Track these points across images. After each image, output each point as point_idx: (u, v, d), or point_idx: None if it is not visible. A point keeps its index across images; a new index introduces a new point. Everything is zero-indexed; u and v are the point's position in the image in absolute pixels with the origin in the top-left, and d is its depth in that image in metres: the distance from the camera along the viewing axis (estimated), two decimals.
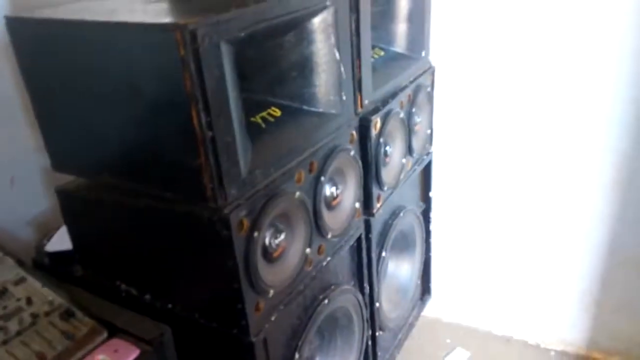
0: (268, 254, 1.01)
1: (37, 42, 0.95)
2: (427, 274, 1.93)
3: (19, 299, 1.08)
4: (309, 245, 1.12)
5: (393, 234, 1.54)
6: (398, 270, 1.75)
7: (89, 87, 0.91)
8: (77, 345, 1.04)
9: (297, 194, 1.05)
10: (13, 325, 1.03)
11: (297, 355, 1.16)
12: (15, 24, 0.95)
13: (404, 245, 1.73)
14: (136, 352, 1.02)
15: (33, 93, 1.01)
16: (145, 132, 0.89)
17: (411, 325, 1.88)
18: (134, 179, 0.96)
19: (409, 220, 1.66)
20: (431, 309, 2.04)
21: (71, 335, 1.04)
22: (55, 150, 1.05)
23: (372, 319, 1.51)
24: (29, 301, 1.08)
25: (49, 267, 1.25)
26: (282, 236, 1.04)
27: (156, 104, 0.84)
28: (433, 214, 1.86)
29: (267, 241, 1.01)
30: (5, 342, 1.00)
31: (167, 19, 0.78)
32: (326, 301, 1.24)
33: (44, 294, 1.10)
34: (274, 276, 1.03)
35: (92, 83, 0.90)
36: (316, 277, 1.19)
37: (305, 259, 1.12)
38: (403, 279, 1.76)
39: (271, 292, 1.02)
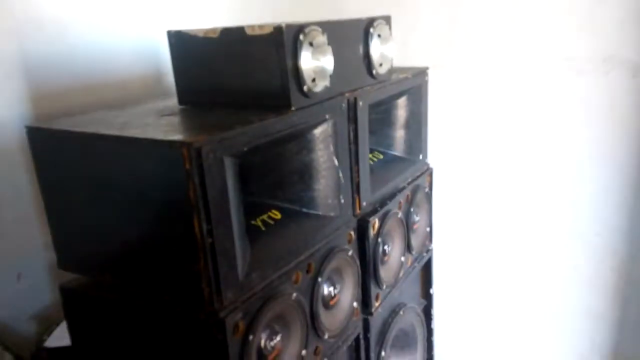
0: (263, 357, 1.02)
1: (53, 149, 1.02)
2: None
3: None
4: (305, 347, 1.13)
5: (393, 333, 1.53)
6: None
7: (98, 193, 0.97)
8: None
9: (294, 295, 1.07)
10: None
11: None
12: (34, 133, 1.03)
13: (404, 343, 1.71)
14: None
15: (46, 195, 1.07)
16: (148, 238, 0.93)
17: None
18: (134, 280, 1.00)
19: (409, 318, 1.65)
20: None
21: None
22: (63, 249, 1.09)
23: None
24: None
25: None
26: (278, 338, 1.05)
27: (161, 212, 0.90)
28: (435, 311, 1.85)
29: (262, 343, 1.02)
30: None
31: (175, 136, 0.85)
32: None
33: None
34: None
35: (101, 189, 0.96)
36: None
37: None
38: None
39: None
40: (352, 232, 1.28)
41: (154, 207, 0.90)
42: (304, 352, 1.12)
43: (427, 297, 1.82)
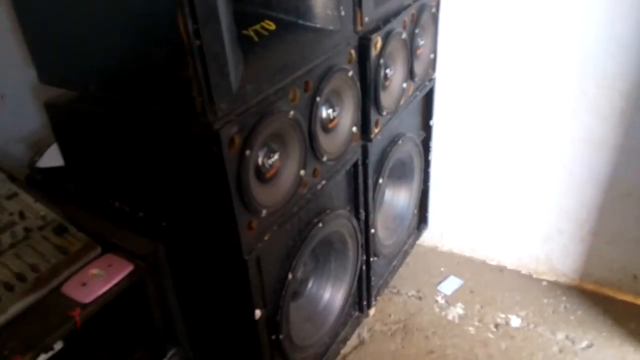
0: (261, 174, 1.00)
1: None
2: (424, 203, 1.93)
3: (11, 213, 1.08)
4: (304, 168, 1.11)
5: (391, 162, 1.52)
6: (395, 198, 1.75)
7: None
8: (71, 259, 1.04)
9: (292, 113, 1.02)
10: (6, 239, 1.03)
11: (290, 276, 1.17)
12: None
13: (402, 173, 1.71)
14: (130, 268, 1.03)
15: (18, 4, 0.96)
16: (131, 41, 0.85)
17: (406, 253, 1.90)
18: (122, 91, 0.93)
19: (407, 149, 1.63)
20: (427, 238, 2.06)
21: (65, 250, 1.05)
22: (42, 61, 1.01)
23: (367, 245, 1.52)
24: (21, 215, 1.08)
25: (42, 184, 1.24)
26: (276, 156, 1.02)
27: (143, 10, 0.80)
28: (433, 143, 1.83)
29: (260, 160, 0.99)
30: None
31: None
32: (320, 225, 1.24)
33: (36, 209, 1.10)
34: (267, 196, 1.02)
35: None
36: (311, 200, 1.18)
37: (299, 181, 1.10)
38: (400, 207, 1.76)
39: (264, 212, 1.01)
40: (353, 51, 1.19)
41: (136, 5, 0.80)
42: (302, 172, 1.11)
43: (427, 128, 1.79)
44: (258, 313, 1.09)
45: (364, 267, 1.54)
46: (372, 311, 1.72)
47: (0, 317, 0.92)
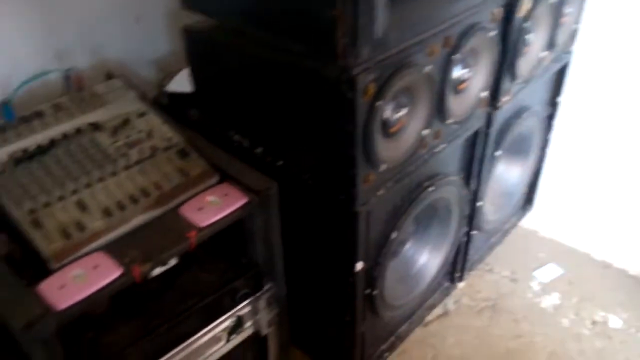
0: (386, 128, 0.97)
1: None
2: (534, 183, 1.82)
3: (140, 131, 1.14)
4: (428, 127, 1.06)
5: (512, 134, 1.43)
6: (507, 174, 1.66)
7: None
8: (191, 183, 1.08)
9: (428, 68, 0.97)
10: (134, 154, 1.09)
11: (394, 234, 1.15)
12: None
13: (519, 148, 1.62)
14: (244, 200, 1.06)
15: None
16: None
17: (506, 232, 1.82)
18: (266, 27, 0.92)
19: (530, 123, 1.53)
20: (530, 220, 1.95)
21: (186, 173, 1.09)
22: None
23: (471, 217, 1.47)
24: (149, 134, 1.13)
25: (168, 107, 1.29)
26: (403, 112, 0.99)
27: None
28: (556, 122, 1.71)
29: (388, 114, 0.96)
30: (126, 168, 1.06)
31: None
32: (431, 188, 1.20)
33: (163, 131, 1.15)
34: (388, 151, 0.99)
35: None
36: (427, 162, 1.14)
37: (421, 141, 1.07)
38: (510, 184, 1.67)
39: (383, 167, 0.99)
40: (498, 10, 1.11)
41: None
42: (425, 132, 1.06)
43: (553, 105, 1.66)
44: (359, 265, 1.08)
45: (464, 239, 1.50)
46: (462, 284, 1.68)
47: (124, 225, 0.99)
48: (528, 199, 1.86)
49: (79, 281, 0.88)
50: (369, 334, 1.27)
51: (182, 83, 1.28)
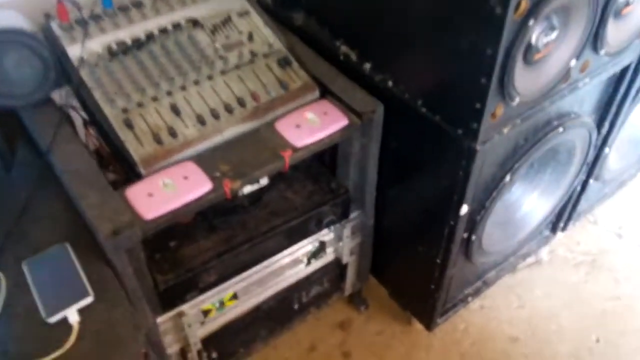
0: (530, 54, 0.80)
1: None
2: None
3: (240, 32, 1.03)
4: (577, 57, 0.88)
5: None
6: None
7: None
8: (290, 96, 0.98)
9: None
10: (233, 58, 0.99)
11: (508, 178, 1.01)
12: None
13: None
14: (344, 122, 0.95)
15: None
16: None
17: (623, 183, 1.61)
18: None
19: None
20: None
21: (285, 85, 0.98)
22: None
23: (594, 165, 1.28)
24: (250, 37, 1.02)
25: (271, 8, 1.16)
26: (554, 35, 0.81)
27: None
28: None
29: (534, 37, 0.79)
30: (223, 72, 0.97)
31: None
32: (561, 129, 1.03)
33: (265, 34, 1.03)
34: (526, 82, 0.83)
35: None
36: (564, 98, 0.97)
37: (566, 73, 0.89)
38: None
39: (517, 100, 0.83)
40: None
41: None
42: (573, 62, 0.88)
43: None
44: (465, 208, 0.97)
45: (578, 187, 1.33)
46: (561, 234, 1.53)
47: (217, 136, 0.91)
48: None
49: (168, 191, 0.83)
50: (456, 277, 1.18)
51: None
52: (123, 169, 0.90)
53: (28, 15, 0.96)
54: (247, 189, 0.89)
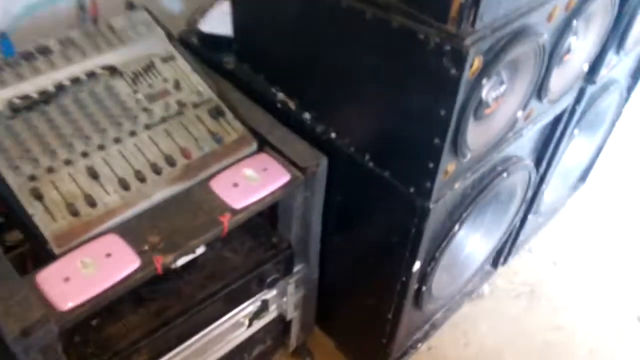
0: (480, 110, 0.77)
1: None
2: (593, 161, 1.63)
3: (165, 80, 0.92)
4: (523, 108, 0.86)
5: (594, 111, 1.22)
6: (571, 152, 1.46)
7: None
8: (225, 150, 0.89)
9: (544, 37, 0.75)
10: (158, 109, 0.89)
11: (456, 228, 0.98)
12: None
13: (593, 124, 1.41)
14: (286, 177, 0.87)
15: None
16: None
17: (554, 212, 1.65)
18: None
19: (613, 97, 1.32)
20: (579, 199, 1.77)
21: (219, 138, 0.89)
22: None
23: (532, 201, 1.29)
24: (176, 85, 0.92)
25: (198, 50, 1.07)
26: (502, 89, 0.78)
27: None
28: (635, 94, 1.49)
29: (485, 93, 0.75)
30: (148, 127, 0.86)
31: None
32: (505, 174, 1.01)
33: (193, 81, 0.94)
34: (476, 137, 0.79)
35: None
36: (509, 145, 0.95)
37: (513, 123, 0.87)
38: (575, 161, 1.48)
39: (468, 156, 0.79)
40: None
41: None
42: (520, 112, 0.86)
43: (635, 76, 1.43)
44: (417, 265, 0.92)
45: (517, 224, 1.33)
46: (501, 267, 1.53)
47: (144, 201, 0.80)
48: (582, 177, 1.68)
49: (88, 272, 0.71)
50: (405, 325, 1.13)
51: (217, 21, 1.05)
52: (32, 248, 0.77)
53: None
54: (182, 260, 0.79)
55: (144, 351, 0.87)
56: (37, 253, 0.75)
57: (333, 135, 0.91)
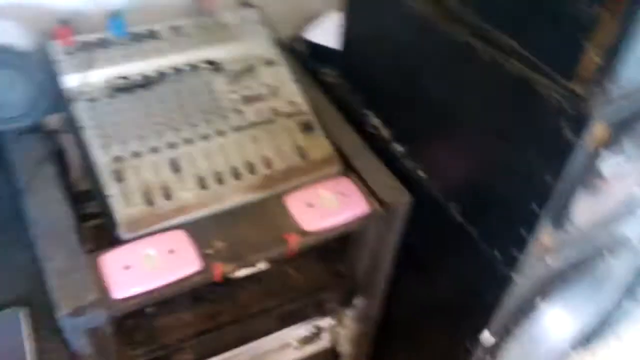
0: (593, 182, 0.67)
1: None
2: None
3: (264, 84, 0.91)
4: None
5: None
6: None
7: None
8: (307, 167, 0.86)
9: None
10: (250, 113, 0.87)
11: (539, 301, 0.88)
12: None
13: None
14: (365, 209, 0.83)
15: None
16: None
17: None
18: (489, 12, 0.64)
19: None
20: None
21: (304, 154, 0.87)
22: None
23: (632, 287, 1.14)
24: (274, 92, 0.91)
25: (301, 57, 1.05)
26: (624, 163, 0.68)
27: None
28: None
29: (603, 166, 0.66)
30: (237, 129, 0.85)
31: None
32: (608, 255, 0.90)
33: (290, 90, 0.92)
34: (583, 211, 0.70)
35: None
36: (619, 224, 0.84)
37: (629, 200, 0.76)
38: None
39: (570, 230, 0.70)
40: None
41: None
42: (637, 189, 0.76)
43: None
44: (487, 335, 0.83)
45: (610, 307, 1.18)
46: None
47: (217, 204, 0.79)
48: None
49: (148, 265, 0.71)
50: None
51: (326, 31, 1.03)
52: (104, 226, 0.78)
53: (37, 27, 0.86)
54: (242, 272, 0.77)
55: (189, 350, 0.86)
56: (106, 231, 0.75)
57: (423, 174, 0.85)
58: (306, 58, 1.05)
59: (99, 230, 0.81)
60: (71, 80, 0.81)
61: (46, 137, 0.84)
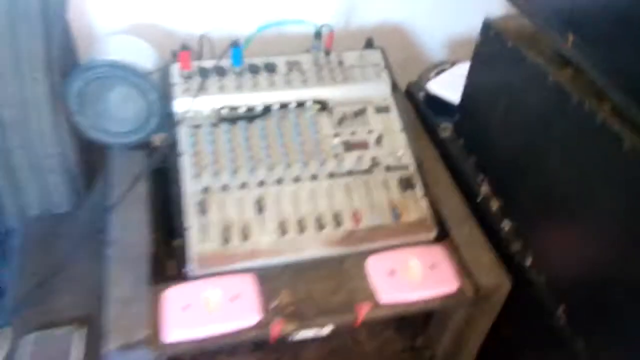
0: None
1: None
2: None
3: (371, 132, 0.85)
4: None
5: None
6: None
7: None
8: (398, 229, 0.78)
9: None
10: (349, 161, 0.82)
11: None
12: None
13: None
14: (453, 287, 0.73)
15: None
16: None
17: None
18: (607, 66, 0.53)
19: None
20: None
21: (397, 213, 0.79)
22: None
23: None
24: (379, 140, 0.84)
25: (417, 107, 0.98)
26: None
27: None
28: None
29: None
30: (331, 176, 0.80)
31: None
32: None
33: (396, 141, 0.85)
34: None
35: None
36: None
37: None
38: None
39: None
40: None
41: None
42: None
43: None
44: None
45: None
46: None
47: (294, 253, 0.74)
48: None
49: (207, 308, 0.68)
50: None
51: (449, 84, 0.94)
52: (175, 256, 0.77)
53: (162, 48, 0.89)
54: (302, 334, 0.71)
55: None
56: (177, 262, 0.74)
57: (528, 261, 0.73)
58: (423, 108, 0.97)
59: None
60: (181, 104, 0.82)
61: (150, 154, 0.86)
